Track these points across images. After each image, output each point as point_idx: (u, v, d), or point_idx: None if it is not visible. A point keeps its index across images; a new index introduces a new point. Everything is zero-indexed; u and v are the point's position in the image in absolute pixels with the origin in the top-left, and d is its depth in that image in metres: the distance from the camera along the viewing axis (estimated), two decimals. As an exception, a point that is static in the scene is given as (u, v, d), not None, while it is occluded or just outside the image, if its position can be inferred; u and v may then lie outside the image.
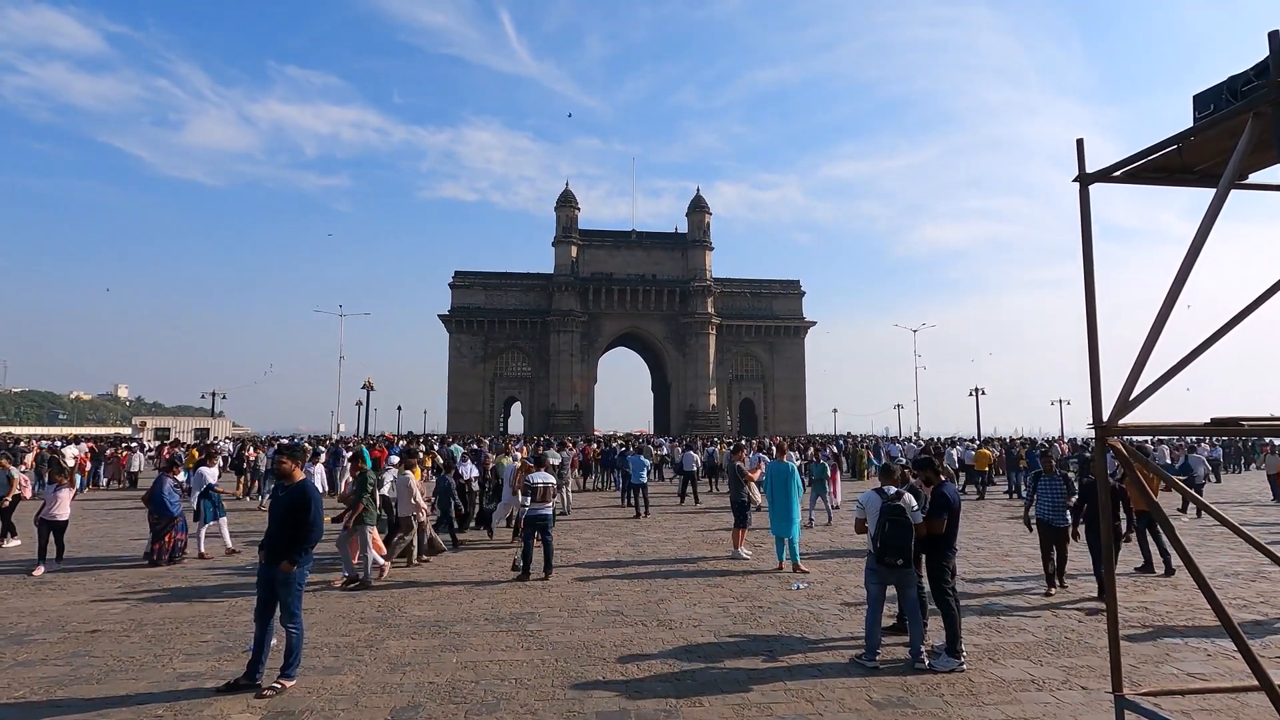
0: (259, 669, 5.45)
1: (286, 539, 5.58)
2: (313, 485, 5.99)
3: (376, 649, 6.44)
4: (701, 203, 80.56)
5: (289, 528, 5.61)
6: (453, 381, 78.80)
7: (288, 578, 5.53)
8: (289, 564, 5.51)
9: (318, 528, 5.74)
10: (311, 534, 5.67)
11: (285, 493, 5.84)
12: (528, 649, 6.46)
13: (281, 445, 6.66)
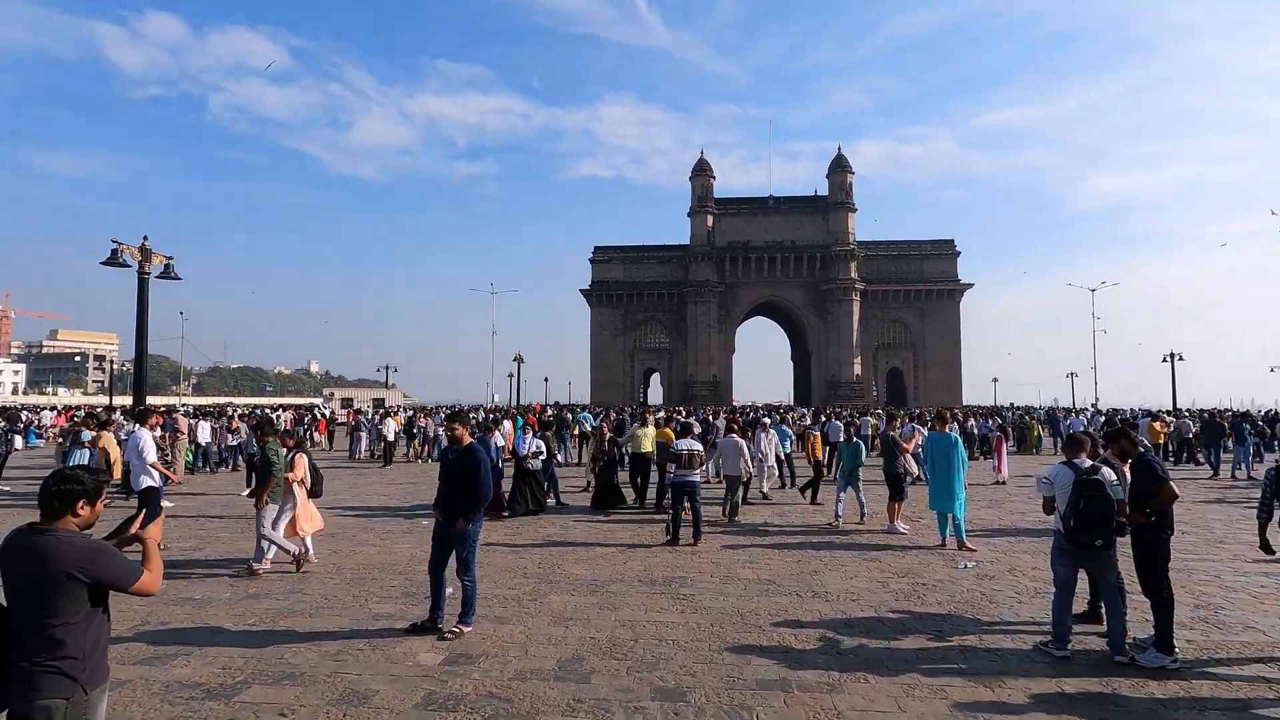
0: (439, 614, 5.94)
1: (461, 499, 5.91)
2: (480, 449, 6.23)
3: (540, 603, 6.81)
4: (843, 162, 76.48)
5: (461, 489, 5.93)
6: (594, 354, 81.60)
7: (463, 535, 5.88)
8: (464, 523, 5.84)
9: (487, 488, 6.02)
10: (482, 494, 5.96)
11: (455, 456, 6.10)
12: (682, 612, 6.53)
13: (451, 412, 6.97)
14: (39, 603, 2.66)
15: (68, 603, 2.66)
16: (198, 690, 4.70)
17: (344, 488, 16.07)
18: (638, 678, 4.97)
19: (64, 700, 2.60)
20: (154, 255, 15.54)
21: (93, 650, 2.71)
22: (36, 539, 2.70)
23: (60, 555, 2.66)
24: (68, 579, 2.65)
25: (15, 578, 2.69)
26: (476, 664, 5.21)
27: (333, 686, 4.80)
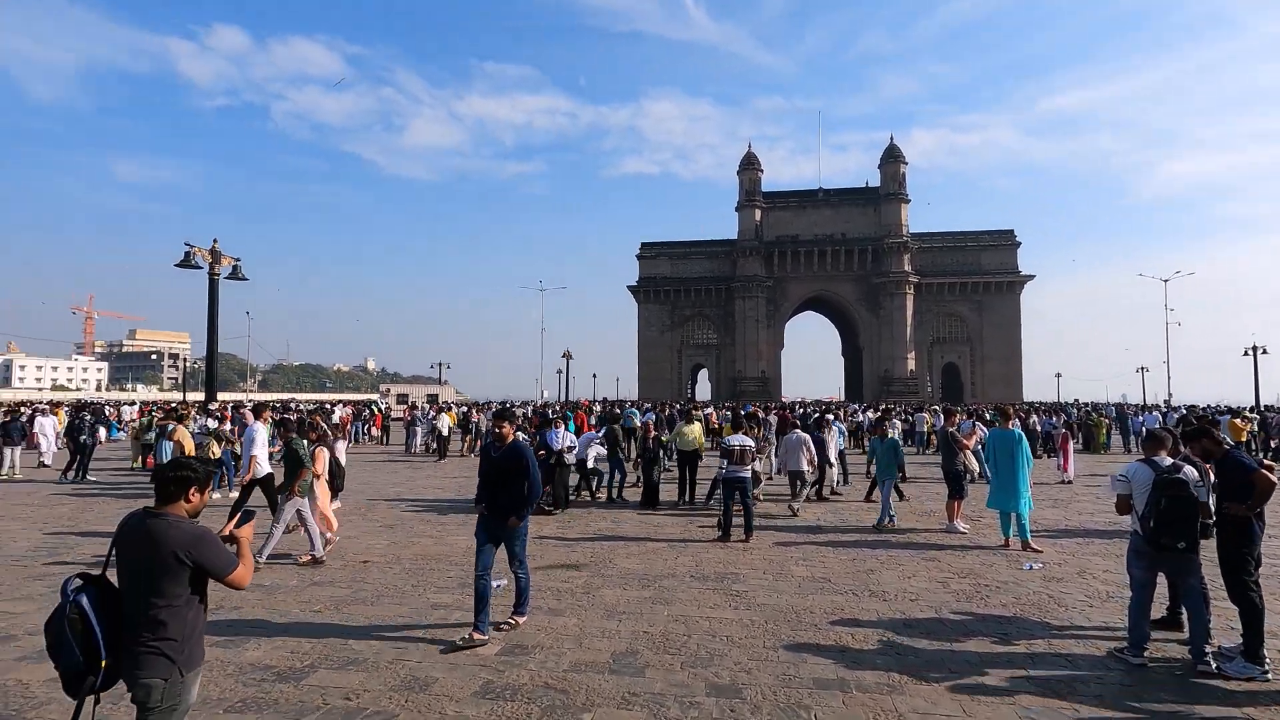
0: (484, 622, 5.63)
1: (505, 495, 5.77)
2: (526, 445, 6.09)
3: (593, 596, 6.85)
4: (895, 152, 74.54)
5: (507, 485, 5.78)
6: (642, 350, 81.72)
7: (519, 529, 5.87)
8: (515, 519, 5.75)
9: (538, 483, 5.94)
10: (534, 490, 5.87)
11: (500, 453, 5.89)
12: (735, 608, 6.47)
13: (497, 410, 6.80)
14: (148, 585, 2.84)
15: (173, 585, 2.85)
16: (268, 673, 4.89)
17: (400, 480, 16.51)
18: (692, 673, 4.94)
19: (163, 681, 2.79)
20: (223, 257, 16.27)
21: (191, 634, 2.90)
22: (150, 522, 2.89)
23: (170, 538, 2.85)
24: (175, 561, 2.83)
25: (130, 560, 2.89)
26: (532, 655, 5.27)
27: (394, 673, 4.92)
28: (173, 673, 2.82)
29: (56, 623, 2.75)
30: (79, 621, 2.74)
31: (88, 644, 2.73)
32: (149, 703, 2.79)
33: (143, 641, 2.79)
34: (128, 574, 2.89)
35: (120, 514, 9.52)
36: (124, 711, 4.12)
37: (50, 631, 2.77)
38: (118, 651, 2.80)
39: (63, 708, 4.34)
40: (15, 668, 4.99)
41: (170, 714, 2.84)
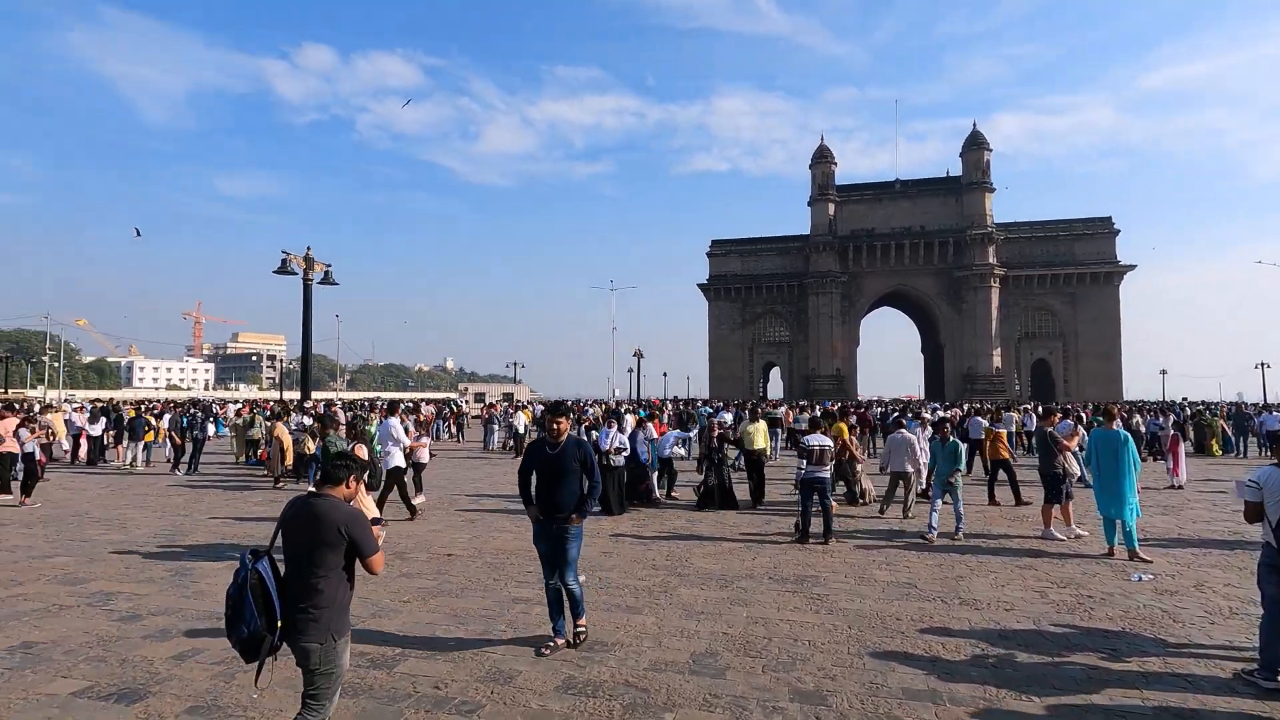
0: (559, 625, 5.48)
1: (564, 493, 5.35)
2: (585, 442, 5.73)
3: (670, 595, 6.83)
4: (978, 139, 71.09)
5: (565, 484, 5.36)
6: (713, 348, 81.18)
7: (576, 531, 5.42)
8: (578, 516, 5.36)
9: (599, 480, 5.59)
10: (597, 487, 5.52)
11: (556, 450, 5.41)
12: (816, 612, 6.31)
13: (552, 404, 6.27)
14: (310, 556, 3.25)
15: (332, 557, 3.26)
16: (362, 659, 5.11)
17: (479, 476, 16.99)
18: (774, 677, 4.85)
19: (319, 645, 3.20)
20: (316, 263, 17.22)
21: (341, 604, 3.30)
22: (315, 501, 3.34)
23: (333, 515, 3.28)
24: (336, 535, 3.25)
25: (295, 536, 3.30)
26: (612, 652, 5.30)
27: (480, 664, 5.05)
28: (326, 638, 3.21)
29: (236, 591, 3.14)
30: (259, 587, 3.14)
31: (268, 608, 3.13)
32: (310, 665, 3.21)
33: (302, 609, 3.19)
34: (292, 549, 3.30)
35: (227, 504, 10.21)
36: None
37: (231, 601, 3.15)
38: (285, 617, 3.20)
39: (182, 684, 4.68)
40: (141, 645, 5.42)
41: (329, 677, 3.26)
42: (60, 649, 5.32)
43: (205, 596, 6.71)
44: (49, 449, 15.81)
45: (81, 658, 5.14)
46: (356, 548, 3.30)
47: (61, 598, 6.64)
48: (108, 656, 5.16)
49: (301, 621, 3.18)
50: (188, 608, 6.36)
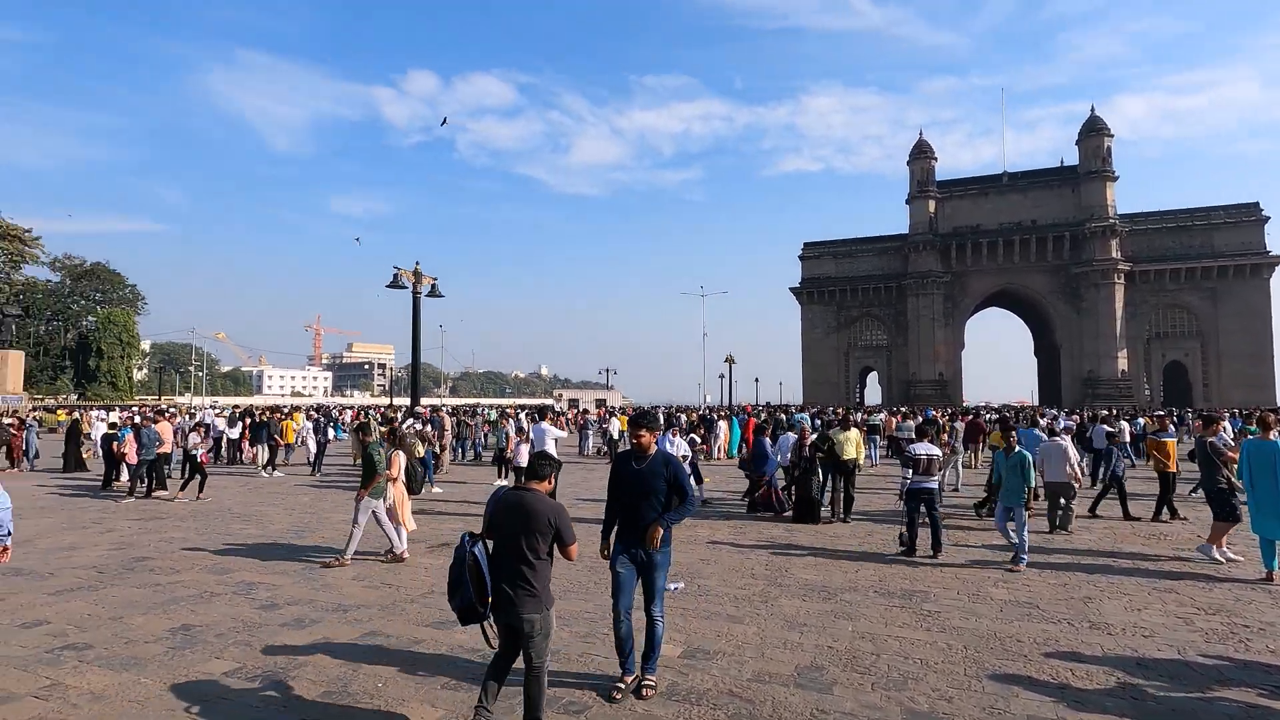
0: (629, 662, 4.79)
1: (650, 510, 4.71)
2: (673, 456, 5.14)
3: (771, 605, 6.72)
4: (1097, 124, 65.93)
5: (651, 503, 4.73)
6: (806, 353, 79.34)
7: (665, 556, 4.82)
8: (658, 526, 4.64)
9: (693, 497, 4.92)
10: (690, 505, 4.86)
11: (643, 464, 4.79)
12: (927, 629, 6.03)
13: (635, 415, 5.62)
14: (523, 542, 3.79)
15: (541, 544, 3.82)
16: (475, 654, 5.34)
17: (576, 481, 17.36)
18: (885, 695, 4.67)
19: (538, 616, 3.78)
20: (424, 277, 18.24)
21: (548, 582, 3.90)
22: (524, 494, 3.92)
23: (541, 507, 3.86)
24: (545, 525, 3.82)
25: (507, 524, 3.85)
26: (714, 660, 5.28)
27: (583, 666, 5.17)
28: (542, 609, 3.81)
29: (457, 567, 3.82)
30: (474, 567, 3.77)
31: (479, 584, 3.77)
32: (531, 633, 3.77)
33: (520, 587, 3.76)
34: (506, 535, 3.84)
35: (347, 503, 10.83)
36: (364, 678, 4.69)
37: (452, 574, 3.86)
38: (496, 593, 3.80)
39: (316, 670, 5.06)
40: (280, 632, 5.90)
41: (544, 640, 3.85)
42: (213, 632, 5.88)
43: (331, 589, 7.23)
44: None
45: (230, 641, 5.66)
46: (560, 536, 3.89)
47: (212, 586, 7.34)
48: (252, 641, 5.67)
49: (520, 598, 3.76)
50: (318, 599, 6.87)
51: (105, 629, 5.96)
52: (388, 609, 6.57)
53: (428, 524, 11.06)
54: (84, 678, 4.91)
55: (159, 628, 5.98)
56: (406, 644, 5.63)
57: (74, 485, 15.92)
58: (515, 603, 3.76)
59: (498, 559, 3.85)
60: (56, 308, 72.30)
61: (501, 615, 3.82)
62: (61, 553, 8.91)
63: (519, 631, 3.79)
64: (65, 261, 72.97)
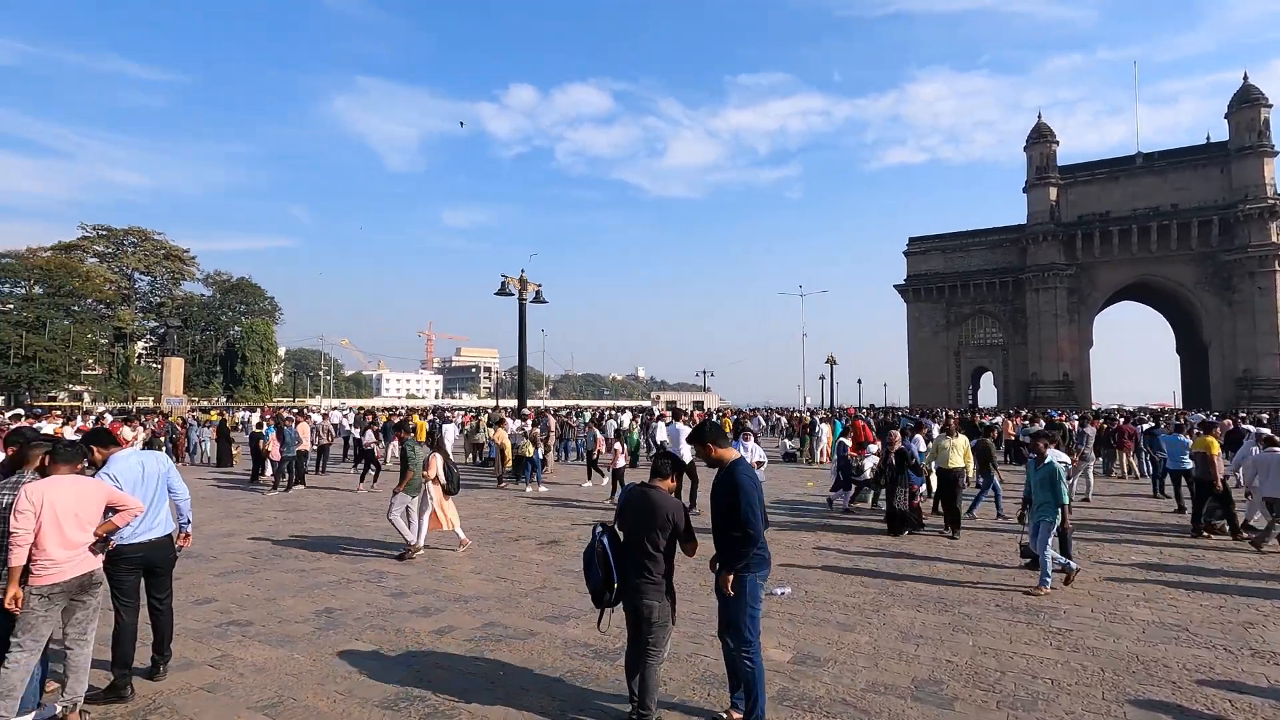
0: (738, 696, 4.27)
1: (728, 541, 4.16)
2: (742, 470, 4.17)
3: (883, 614, 6.53)
4: (1251, 93, 58.95)
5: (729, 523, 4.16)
6: (913, 353, 75.79)
7: (739, 593, 4.13)
8: (726, 573, 4.13)
9: (753, 521, 4.03)
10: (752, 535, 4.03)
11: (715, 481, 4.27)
12: (1058, 648, 5.66)
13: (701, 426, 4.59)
14: (645, 536, 4.06)
15: (661, 538, 4.06)
16: (588, 649, 5.55)
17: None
18: (1011, 715, 4.44)
19: (657, 604, 4.04)
20: (529, 284, 19.00)
21: (670, 574, 4.15)
22: (650, 491, 4.19)
23: (664, 505, 4.12)
24: (665, 520, 4.07)
25: (634, 518, 4.14)
26: (825, 668, 5.21)
27: (694, 666, 5.24)
28: (662, 598, 4.07)
29: (588, 554, 4.21)
30: (602, 555, 4.12)
31: (606, 570, 4.11)
32: (651, 619, 4.02)
33: (644, 577, 4.03)
34: (632, 529, 4.12)
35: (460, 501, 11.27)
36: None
37: (585, 560, 4.24)
38: (623, 580, 4.09)
39: (444, 655, 5.41)
40: (409, 619, 6.36)
41: (665, 628, 4.10)
42: (351, 615, 6.42)
43: (453, 581, 7.69)
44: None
45: (367, 625, 6.16)
46: (680, 533, 4.11)
47: (347, 573, 8.00)
48: (386, 626, 6.14)
49: (644, 586, 4.02)
50: (441, 589, 7.33)
51: (261, 608, 6.64)
52: (504, 601, 6.92)
53: (536, 522, 11.51)
54: (248, 650, 5.51)
55: (306, 609, 6.60)
56: (523, 635, 5.92)
57: (227, 479, 17.74)
58: (639, 590, 4.03)
59: (625, 549, 4.14)
60: (208, 319, 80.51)
61: (627, 600, 4.11)
62: (222, 539, 9.98)
63: (641, 616, 4.05)
64: (215, 277, 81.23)
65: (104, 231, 71.74)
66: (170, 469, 5.14)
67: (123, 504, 4.31)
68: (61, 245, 68.40)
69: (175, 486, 5.11)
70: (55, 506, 3.90)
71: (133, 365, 72.10)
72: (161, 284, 76.22)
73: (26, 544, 3.81)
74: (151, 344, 76.33)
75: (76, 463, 4.24)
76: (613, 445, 14.78)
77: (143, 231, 73.79)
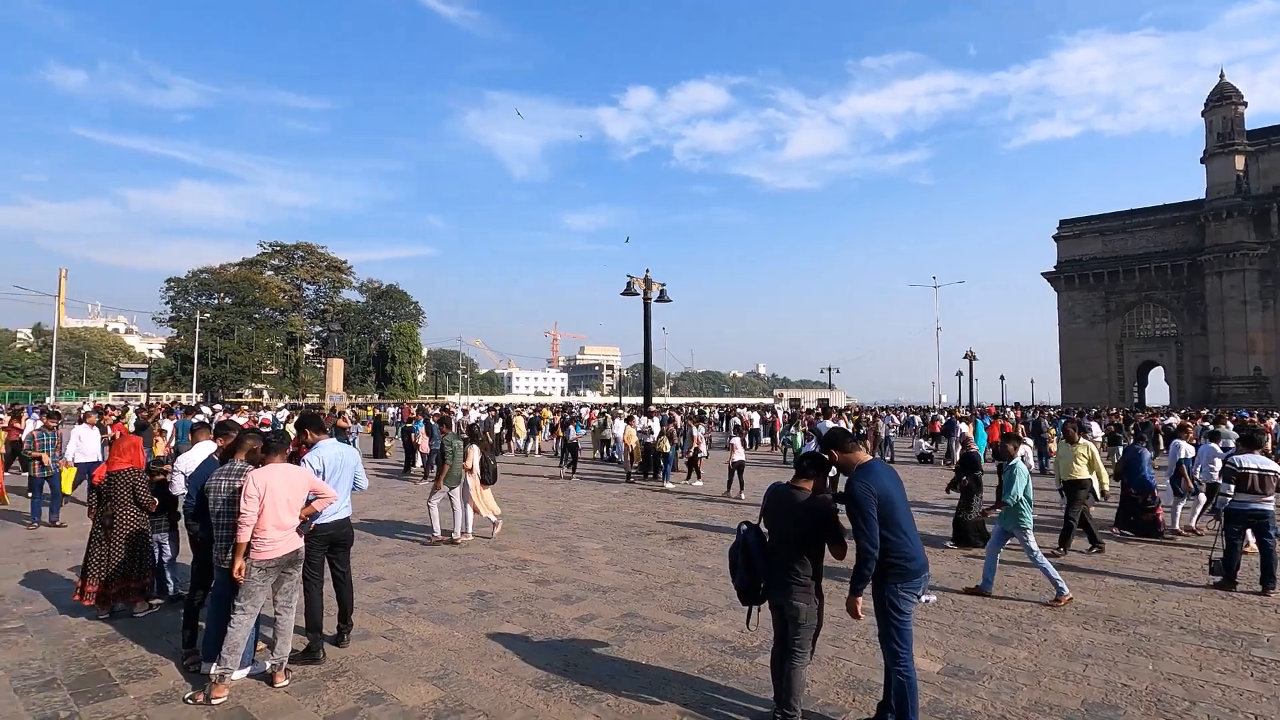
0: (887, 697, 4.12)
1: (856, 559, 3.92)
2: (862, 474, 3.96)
3: (1044, 630, 6.06)
4: None
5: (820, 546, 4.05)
6: (1065, 346, 69.29)
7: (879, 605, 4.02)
8: (852, 597, 3.91)
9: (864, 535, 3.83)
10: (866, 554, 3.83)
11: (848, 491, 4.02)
12: (1262, 679, 5.00)
13: (832, 432, 4.43)
14: (789, 536, 3.98)
15: (804, 540, 3.96)
16: (726, 646, 5.60)
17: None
18: (1206, 749, 3.99)
19: (805, 605, 3.94)
20: (653, 284, 19.31)
21: (817, 575, 3.99)
22: (792, 491, 4.07)
23: (809, 505, 3.96)
24: (806, 521, 3.94)
25: (778, 516, 4.08)
26: (981, 682, 4.93)
27: (836, 669, 5.14)
28: (811, 600, 3.95)
29: (734, 552, 4.19)
30: (746, 553, 4.10)
31: (750, 568, 4.10)
32: (798, 619, 3.93)
33: (789, 576, 3.95)
34: (778, 529, 4.06)
35: (593, 493, 11.87)
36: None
37: (731, 558, 4.23)
38: (768, 580, 4.06)
39: (588, 642, 5.67)
40: (553, 605, 6.71)
41: (810, 629, 3.98)
42: (501, 600, 6.87)
43: (590, 571, 8.01)
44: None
45: (516, 609, 6.57)
46: (824, 535, 3.95)
47: (493, 560, 8.55)
48: (532, 610, 6.51)
49: (791, 587, 3.93)
50: (579, 579, 7.66)
51: (423, 588, 7.26)
52: (640, 593, 7.12)
53: (666, 517, 11.71)
54: (414, 626, 6.06)
55: (461, 591, 7.14)
56: (660, 627, 6.06)
57: (383, 469, 19.46)
58: (786, 590, 3.96)
59: (772, 548, 4.09)
60: (362, 323, 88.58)
61: (773, 599, 4.07)
62: (383, 523, 10.98)
63: (787, 616, 3.99)
64: (368, 285, 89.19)
65: (278, 247, 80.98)
66: (358, 462, 5.79)
67: (321, 492, 4.90)
68: (245, 261, 78.03)
69: (360, 480, 5.74)
70: (273, 492, 4.51)
71: (302, 366, 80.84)
72: (324, 292, 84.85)
73: (251, 524, 4.44)
74: (316, 346, 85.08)
75: (285, 452, 4.87)
76: (729, 441, 14.82)
77: (309, 245, 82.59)
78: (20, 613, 6.37)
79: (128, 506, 6.19)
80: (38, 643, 5.61)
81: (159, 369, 68.24)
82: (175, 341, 72.69)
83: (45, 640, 5.67)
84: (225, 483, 4.80)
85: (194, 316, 66.78)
